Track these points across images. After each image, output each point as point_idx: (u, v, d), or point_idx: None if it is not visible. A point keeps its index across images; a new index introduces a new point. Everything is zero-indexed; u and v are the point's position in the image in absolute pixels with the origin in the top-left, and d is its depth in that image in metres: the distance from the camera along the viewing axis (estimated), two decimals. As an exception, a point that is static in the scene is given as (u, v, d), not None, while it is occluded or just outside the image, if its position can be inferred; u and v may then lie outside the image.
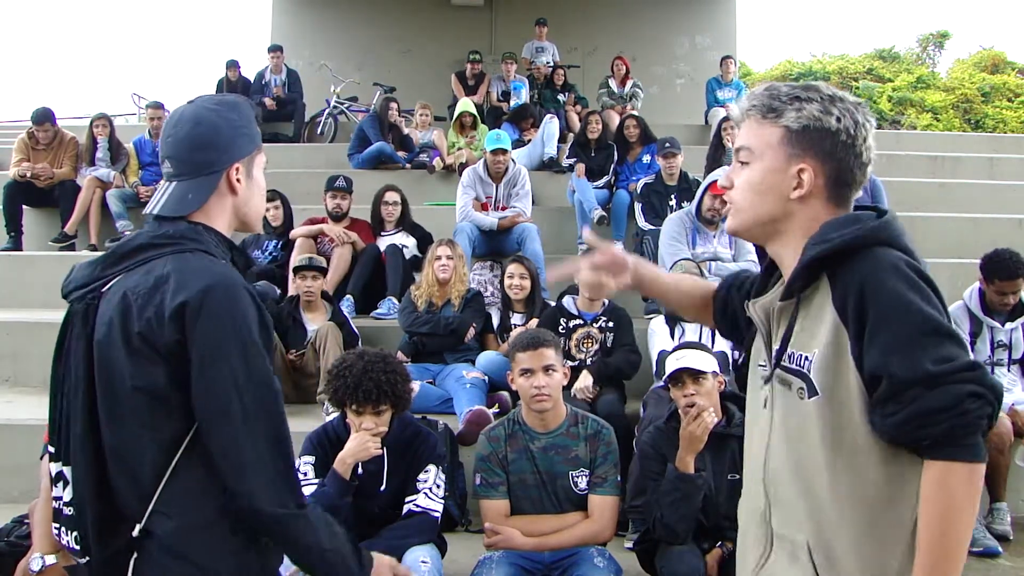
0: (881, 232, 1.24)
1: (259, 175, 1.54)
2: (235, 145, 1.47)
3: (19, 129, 8.33)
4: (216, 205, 1.47)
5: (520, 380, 2.77)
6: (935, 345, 1.16)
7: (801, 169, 1.28)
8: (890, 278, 1.19)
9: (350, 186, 5.60)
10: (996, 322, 4.01)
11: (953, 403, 1.13)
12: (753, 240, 1.43)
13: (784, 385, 1.31)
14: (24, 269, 5.87)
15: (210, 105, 1.48)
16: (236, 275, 1.39)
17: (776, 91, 1.32)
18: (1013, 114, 20.08)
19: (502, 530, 2.69)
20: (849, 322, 1.20)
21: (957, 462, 1.14)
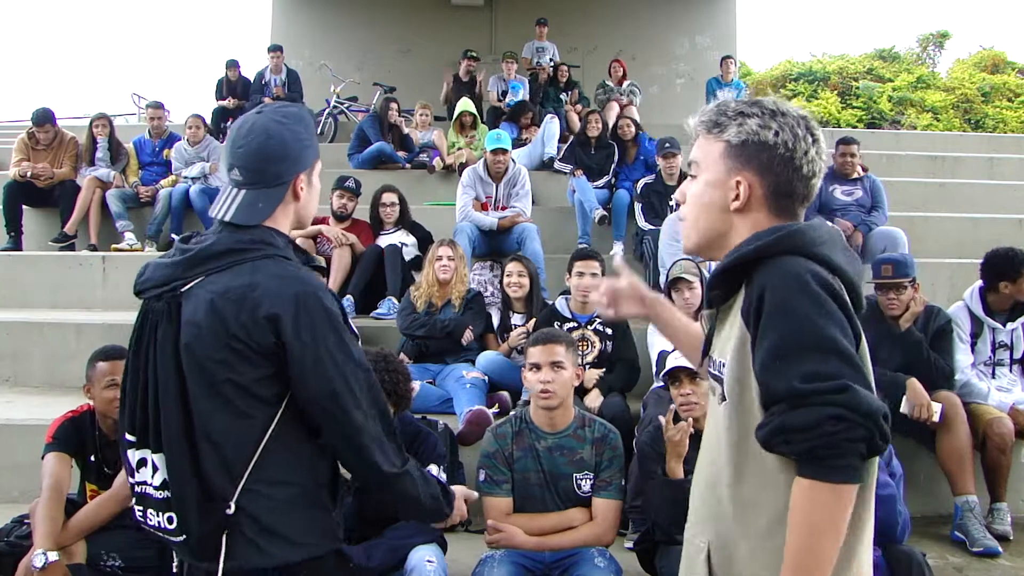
0: (788, 240, 1.25)
1: (317, 181, 1.66)
2: (302, 157, 1.60)
3: (19, 129, 8.33)
4: (282, 211, 1.60)
5: (528, 374, 2.78)
6: (812, 360, 1.15)
7: (738, 181, 1.31)
8: (784, 286, 1.20)
9: (358, 189, 5.60)
10: (997, 322, 4.01)
11: (811, 424, 1.13)
12: (707, 258, 1.49)
13: (712, 391, 1.37)
14: (24, 269, 5.87)
15: (279, 118, 1.58)
16: (313, 277, 1.55)
17: (725, 107, 1.36)
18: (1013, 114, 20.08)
19: (504, 528, 2.70)
20: (750, 329, 1.23)
21: (820, 482, 1.14)
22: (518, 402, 4.07)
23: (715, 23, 12.07)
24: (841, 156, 5.87)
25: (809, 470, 1.15)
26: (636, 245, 5.72)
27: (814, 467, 1.14)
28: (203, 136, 6.97)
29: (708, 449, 1.37)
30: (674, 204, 5.69)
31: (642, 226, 5.72)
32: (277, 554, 1.49)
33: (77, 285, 5.61)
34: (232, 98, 9.29)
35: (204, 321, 1.46)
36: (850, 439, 1.13)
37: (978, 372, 4.02)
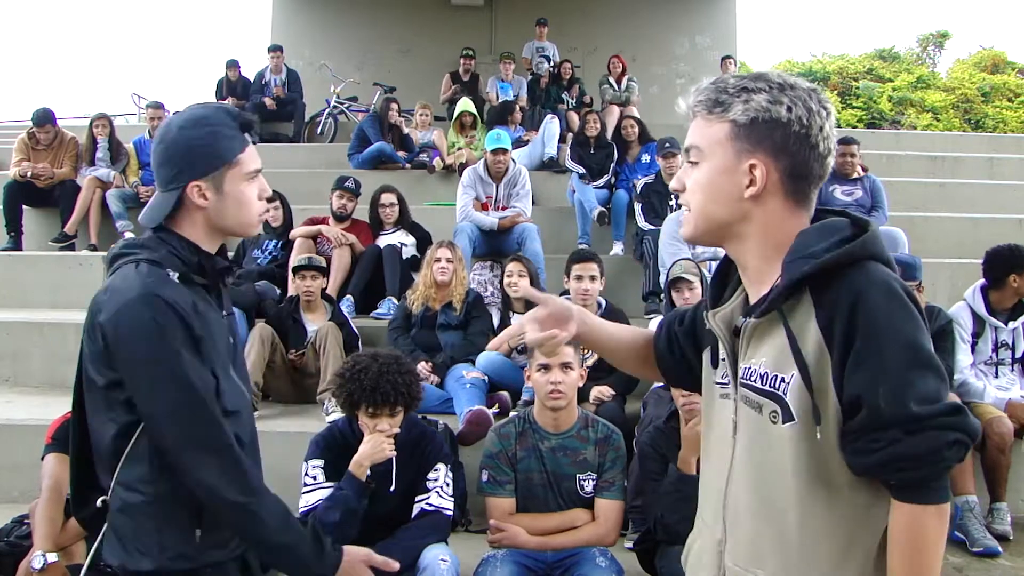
0: (871, 246, 1.15)
1: (239, 188, 1.56)
2: (193, 165, 1.52)
3: (19, 129, 8.33)
4: (186, 217, 1.56)
5: (536, 375, 2.78)
6: (923, 380, 1.08)
7: (752, 165, 1.18)
8: (883, 299, 1.10)
9: (358, 189, 5.60)
10: (999, 321, 4.01)
11: (932, 452, 1.07)
12: (708, 245, 1.37)
13: (752, 407, 1.21)
14: (24, 269, 5.87)
15: (178, 121, 1.54)
16: (160, 287, 1.46)
17: (723, 84, 1.22)
18: (1013, 114, 20.09)
19: (507, 528, 2.70)
20: (835, 344, 1.11)
21: (928, 505, 1.10)
22: (518, 402, 4.07)
23: (715, 23, 12.07)
24: (841, 156, 5.87)
25: (914, 496, 1.10)
26: (636, 245, 5.71)
27: (919, 492, 1.10)
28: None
29: (756, 474, 1.21)
30: (674, 204, 5.69)
31: (642, 226, 5.71)
32: (115, 556, 1.51)
33: (77, 285, 5.60)
34: (232, 98, 9.29)
35: (86, 326, 1.52)
36: (957, 460, 1.10)
37: (979, 371, 4.02)
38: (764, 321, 1.19)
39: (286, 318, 4.44)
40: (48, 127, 6.77)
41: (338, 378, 2.70)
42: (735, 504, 1.24)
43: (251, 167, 1.57)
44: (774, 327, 1.18)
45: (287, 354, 4.33)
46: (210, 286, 1.58)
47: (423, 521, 2.69)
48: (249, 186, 1.57)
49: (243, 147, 1.56)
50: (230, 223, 1.58)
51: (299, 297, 4.49)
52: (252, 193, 1.58)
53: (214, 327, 1.55)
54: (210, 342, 1.52)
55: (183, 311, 1.47)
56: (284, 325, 4.41)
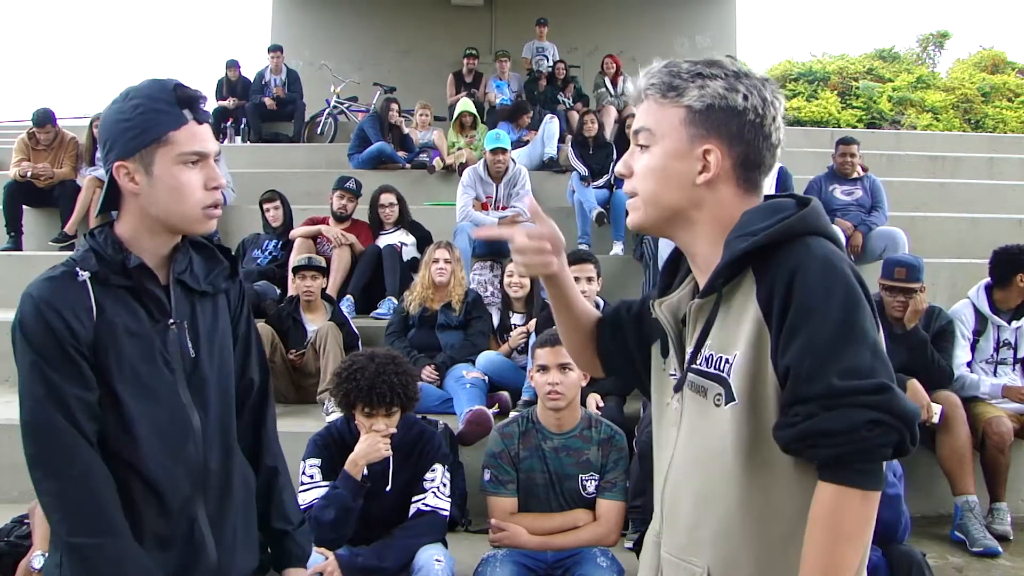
0: (811, 221, 1.13)
1: (170, 171, 1.36)
2: (117, 142, 1.36)
3: (19, 129, 8.33)
4: (126, 206, 1.41)
5: (537, 376, 2.79)
6: (850, 355, 1.04)
7: (706, 151, 1.16)
8: (819, 271, 1.07)
9: (359, 189, 5.60)
10: (1002, 320, 4.02)
11: (847, 428, 1.02)
12: (659, 235, 1.31)
13: (698, 392, 1.18)
14: (24, 269, 5.85)
15: (116, 96, 1.38)
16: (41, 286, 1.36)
17: (676, 68, 1.19)
18: (1013, 114, 20.09)
19: (508, 527, 2.70)
20: (773, 317, 1.09)
21: (849, 487, 1.04)
22: (518, 402, 4.07)
23: (715, 23, 12.07)
24: (841, 156, 5.87)
25: (835, 475, 1.05)
26: (636, 245, 5.71)
27: (842, 472, 1.05)
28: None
29: (695, 460, 1.19)
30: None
31: (642, 226, 5.71)
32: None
33: None
34: (232, 98, 9.31)
35: None
36: (883, 444, 1.04)
37: (980, 369, 4.02)
38: (706, 302, 1.18)
39: (286, 318, 4.44)
40: (48, 127, 6.76)
41: (335, 378, 2.71)
42: (673, 493, 1.23)
43: (187, 147, 1.35)
44: (719, 307, 1.17)
45: (287, 354, 4.34)
46: (137, 289, 1.40)
47: (419, 521, 2.69)
48: (185, 171, 1.36)
49: (178, 124, 1.35)
50: (164, 214, 1.39)
51: (299, 297, 4.49)
52: (190, 179, 1.37)
53: (133, 336, 1.38)
54: (114, 353, 1.35)
55: (55, 314, 1.32)
56: (284, 325, 4.41)
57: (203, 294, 1.50)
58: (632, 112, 5.40)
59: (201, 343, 1.48)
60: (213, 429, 1.48)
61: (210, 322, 1.51)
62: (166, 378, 1.42)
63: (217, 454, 1.49)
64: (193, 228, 1.43)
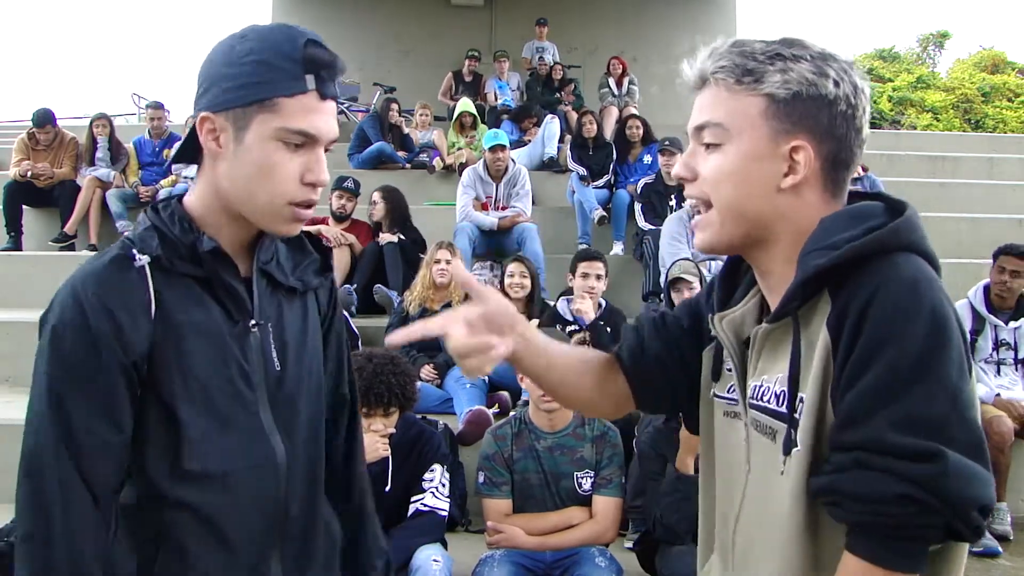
0: (905, 234, 0.92)
1: (262, 147, 1.03)
2: (212, 88, 1.04)
3: (19, 129, 8.34)
4: (203, 174, 1.10)
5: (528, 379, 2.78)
6: (919, 399, 0.84)
7: (794, 148, 0.95)
8: (904, 294, 0.87)
9: (357, 188, 5.59)
10: (999, 320, 4.02)
11: (872, 497, 0.85)
12: (733, 254, 1.09)
13: (764, 434, 1.00)
14: (24, 269, 5.87)
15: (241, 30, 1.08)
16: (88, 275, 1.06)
17: (748, 48, 0.97)
18: (1013, 114, 20.11)
19: (505, 529, 2.71)
20: (840, 347, 0.89)
21: (875, 566, 0.86)
22: (518, 402, 4.07)
23: (715, 23, 12.07)
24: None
25: (860, 546, 0.87)
26: (636, 245, 5.72)
27: (867, 544, 0.87)
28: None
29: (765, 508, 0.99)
30: (674, 204, 5.69)
31: (642, 226, 5.71)
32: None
33: None
34: (232, 98, 9.29)
35: None
36: (920, 525, 0.84)
37: (980, 369, 4.03)
38: (778, 328, 0.98)
39: (286, 318, 4.43)
40: (48, 127, 6.77)
41: None
42: (745, 543, 1.04)
43: (293, 123, 1.03)
44: (788, 335, 0.96)
45: (287, 354, 4.33)
46: (210, 280, 1.09)
47: (417, 521, 2.69)
48: (281, 151, 1.04)
49: (292, 90, 1.02)
50: (240, 196, 1.06)
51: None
52: (284, 163, 1.04)
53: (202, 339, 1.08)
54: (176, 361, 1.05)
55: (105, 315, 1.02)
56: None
57: (291, 291, 1.18)
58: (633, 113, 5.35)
59: (289, 352, 1.15)
60: (299, 463, 1.16)
61: (299, 326, 1.18)
62: (244, 395, 1.10)
63: (301, 495, 1.16)
64: (272, 226, 1.09)
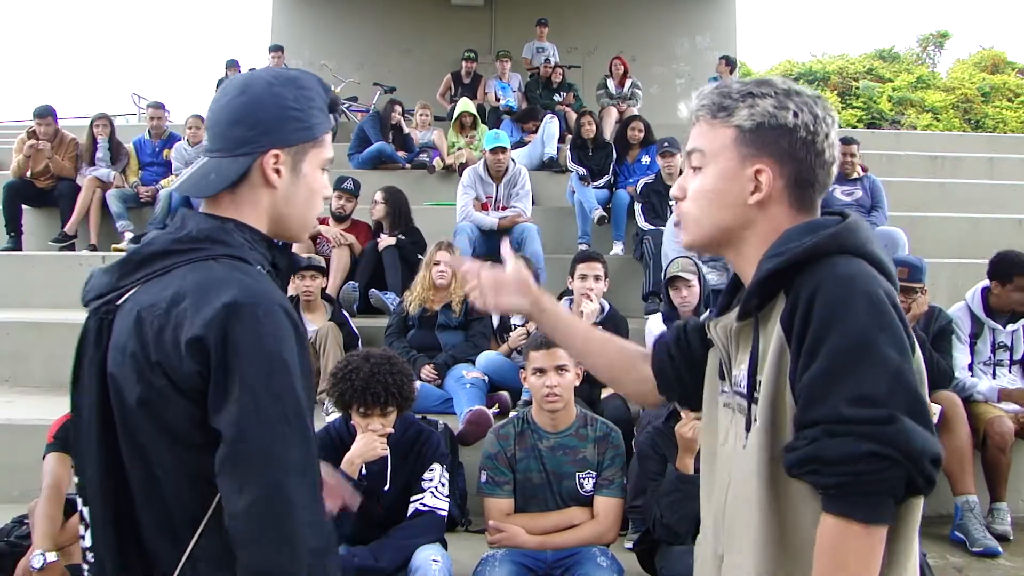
0: (842, 239, 1.09)
1: (314, 175, 1.26)
2: (280, 128, 1.21)
3: (19, 129, 8.33)
4: (248, 197, 1.22)
5: (532, 379, 2.79)
6: (866, 380, 1.01)
7: (758, 170, 1.15)
8: (841, 290, 1.04)
9: (357, 189, 5.59)
10: (997, 323, 4.02)
11: (845, 458, 0.99)
12: (708, 253, 1.32)
13: (741, 413, 1.18)
14: (24, 269, 5.87)
15: (265, 76, 1.24)
16: (269, 288, 1.13)
17: (727, 89, 1.19)
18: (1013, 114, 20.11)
19: (507, 528, 2.71)
20: (792, 338, 1.07)
21: (850, 520, 1.01)
22: (518, 402, 4.07)
23: (715, 23, 12.07)
24: (841, 156, 5.82)
25: (836, 505, 1.02)
26: (636, 245, 5.72)
27: (843, 503, 1.01)
28: (203, 136, 6.97)
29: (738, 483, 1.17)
30: (673, 204, 5.68)
31: (642, 226, 5.71)
32: None
33: (77, 285, 5.49)
34: (232, 98, 9.28)
35: (130, 347, 1.10)
36: (887, 479, 1.00)
37: (978, 372, 4.02)
38: (746, 324, 1.18)
39: (286, 318, 4.43)
40: (48, 120, 6.75)
41: (331, 378, 2.72)
42: (731, 517, 1.19)
43: (328, 153, 1.29)
44: (759, 331, 1.15)
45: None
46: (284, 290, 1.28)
47: (417, 521, 2.69)
48: (322, 176, 1.28)
49: (328, 129, 1.28)
50: (293, 216, 1.26)
51: (299, 297, 4.49)
52: (323, 185, 1.29)
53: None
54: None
55: (298, 325, 1.14)
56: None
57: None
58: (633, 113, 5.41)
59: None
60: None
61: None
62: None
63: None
64: (303, 234, 1.35)
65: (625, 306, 4.55)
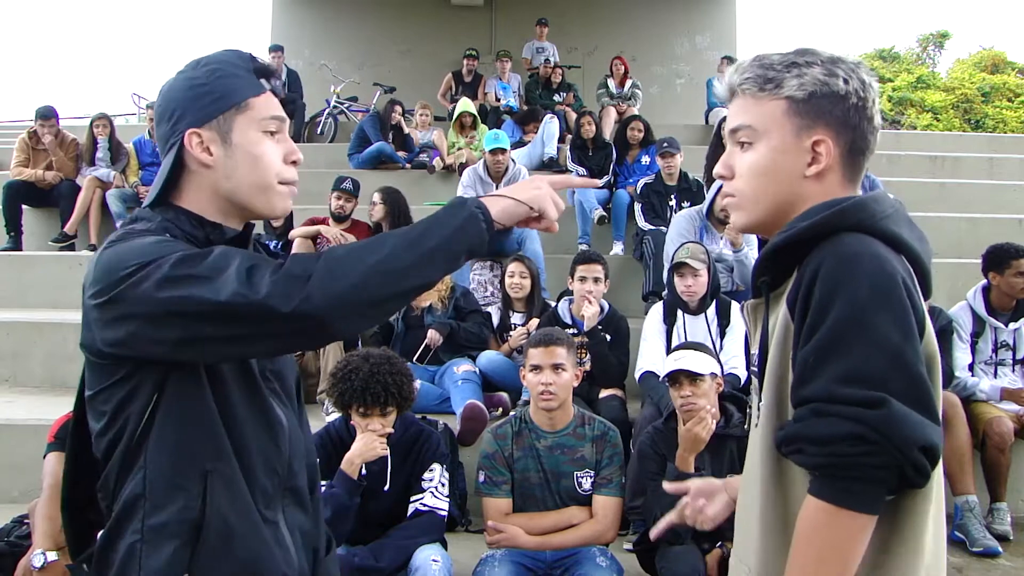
0: (850, 215, 1.06)
1: (252, 138, 1.21)
2: (190, 109, 1.20)
3: (19, 129, 8.34)
4: (190, 185, 1.22)
5: (529, 376, 2.79)
6: (860, 358, 0.98)
7: (816, 141, 1.11)
8: (841, 267, 1.02)
9: (356, 190, 5.58)
10: (999, 322, 4.02)
11: (826, 438, 0.97)
12: (764, 234, 1.22)
13: (756, 393, 1.18)
14: (24, 269, 5.87)
15: (181, 70, 1.25)
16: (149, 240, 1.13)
17: (767, 60, 1.15)
18: (1013, 114, 20.11)
19: (506, 528, 2.71)
20: (795, 316, 1.05)
21: (832, 505, 0.98)
22: (518, 402, 4.07)
23: (715, 23, 12.07)
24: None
25: (819, 489, 1.00)
26: (636, 245, 5.71)
27: (826, 485, 0.99)
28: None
29: (749, 466, 1.18)
30: (674, 204, 5.68)
31: (642, 226, 5.71)
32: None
33: (77, 285, 5.48)
34: (232, 98, 9.28)
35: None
36: (872, 465, 0.96)
37: (979, 371, 4.03)
38: (759, 302, 1.16)
39: (286, 318, 4.41)
40: (52, 121, 6.77)
41: (331, 378, 2.73)
42: (741, 496, 1.20)
43: (267, 113, 1.23)
44: (769, 310, 1.14)
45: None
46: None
47: (416, 521, 2.69)
48: (265, 140, 1.23)
49: (257, 91, 1.23)
50: (241, 187, 1.21)
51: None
52: (270, 149, 1.23)
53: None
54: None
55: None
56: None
57: None
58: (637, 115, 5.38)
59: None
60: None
61: None
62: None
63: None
64: (271, 204, 1.25)
65: (625, 306, 4.55)
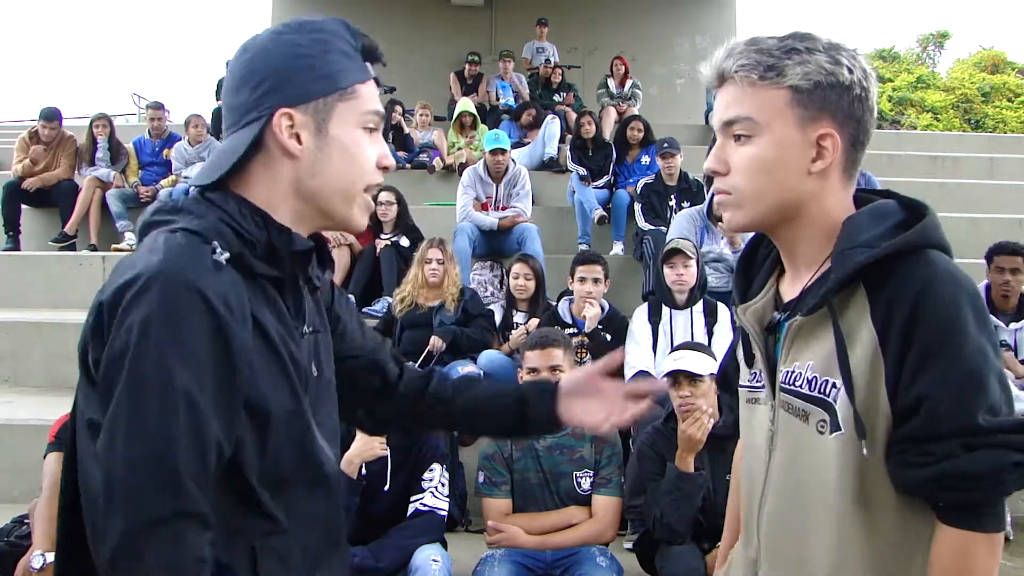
0: (932, 233, 1.01)
1: (352, 133, 1.01)
2: (289, 80, 0.98)
3: (19, 129, 8.34)
4: (263, 174, 0.99)
5: (527, 378, 2.79)
6: (991, 389, 0.95)
7: (822, 135, 1.03)
8: (951, 293, 0.96)
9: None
10: (1000, 321, 4.02)
11: (992, 472, 0.94)
12: (764, 233, 1.17)
13: (796, 416, 1.07)
14: (24, 269, 5.87)
15: (276, 27, 1.03)
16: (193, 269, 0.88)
17: (765, 45, 1.04)
18: (1013, 114, 20.12)
19: (506, 528, 2.71)
20: (891, 342, 0.97)
21: (978, 532, 0.96)
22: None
23: (715, 23, 12.06)
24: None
25: (965, 520, 0.96)
26: (636, 245, 5.72)
27: (971, 516, 0.96)
28: (203, 136, 6.98)
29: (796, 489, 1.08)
30: (674, 204, 5.68)
31: (642, 226, 5.71)
32: None
33: (77, 285, 5.60)
34: (232, 98, 9.29)
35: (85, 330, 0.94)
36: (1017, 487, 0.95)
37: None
38: (813, 319, 1.04)
39: (286, 318, 4.42)
40: (54, 124, 6.79)
41: None
42: (773, 523, 1.12)
43: (371, 106, 1.04)
44: (823, 326, 1.04)
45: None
46: (284, 279, 0.99)
47: (416, 521, 2.70)
48: (365, 136, 1.02)
49: (364, 77, 1.05)
50: (329, 187, 1.00)
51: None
52: (368, 148, 1.03)
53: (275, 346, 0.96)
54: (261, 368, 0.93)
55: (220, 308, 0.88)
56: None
57: (312, 288, 1.09)
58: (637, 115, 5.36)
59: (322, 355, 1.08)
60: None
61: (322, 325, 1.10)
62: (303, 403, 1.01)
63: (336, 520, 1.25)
64: (351, 215, 1.04)
65: (625, 306, 4.54)
